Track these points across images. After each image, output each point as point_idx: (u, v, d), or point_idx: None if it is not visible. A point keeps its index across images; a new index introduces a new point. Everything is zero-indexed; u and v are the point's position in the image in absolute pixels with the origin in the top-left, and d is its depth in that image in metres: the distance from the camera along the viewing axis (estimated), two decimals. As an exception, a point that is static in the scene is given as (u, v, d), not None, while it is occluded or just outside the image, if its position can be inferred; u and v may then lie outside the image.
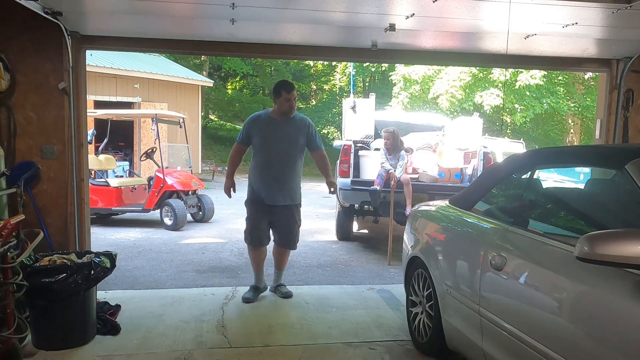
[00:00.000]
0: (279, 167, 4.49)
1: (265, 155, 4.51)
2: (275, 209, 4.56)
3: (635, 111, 5.04)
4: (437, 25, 4.11)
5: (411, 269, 3.86)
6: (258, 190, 4.56)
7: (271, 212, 4.57)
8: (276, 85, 4.64)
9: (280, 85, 4.54)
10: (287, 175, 4.53)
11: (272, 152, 4.49)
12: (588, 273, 2.09)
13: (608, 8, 3.52)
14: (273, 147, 4.48)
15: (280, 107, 4.50)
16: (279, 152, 4.49)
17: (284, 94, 4.46)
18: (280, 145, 4.49)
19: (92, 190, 7.37)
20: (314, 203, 11.84)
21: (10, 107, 4.14)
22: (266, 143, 4.49)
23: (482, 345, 2.77)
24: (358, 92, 25.03)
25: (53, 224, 4.27)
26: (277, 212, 4.57)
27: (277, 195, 4.52)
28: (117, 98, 14.04)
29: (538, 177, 3.17)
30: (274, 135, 4.48)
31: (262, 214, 4.59)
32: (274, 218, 4.60)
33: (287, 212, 4.60)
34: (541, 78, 16.32)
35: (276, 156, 4.48)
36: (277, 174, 4.49)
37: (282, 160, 4.49)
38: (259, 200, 4.56)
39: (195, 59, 22.99)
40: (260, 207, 4.57)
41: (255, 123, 4.59)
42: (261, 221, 4.61)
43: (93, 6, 3.95)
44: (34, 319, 3.51)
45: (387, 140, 6.84)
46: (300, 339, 3.83)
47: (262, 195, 4.54)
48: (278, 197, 4.52)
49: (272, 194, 4.52)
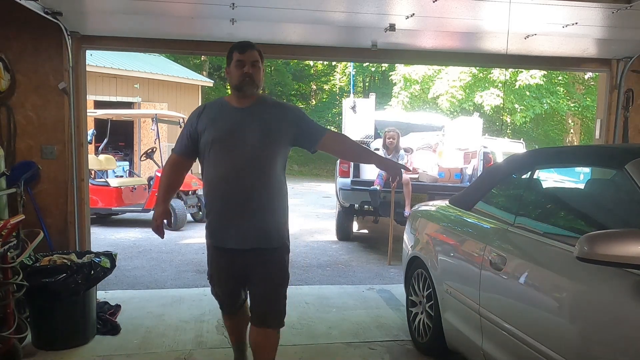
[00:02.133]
0: (243, 183, 2.61)
1: (221, 166, 2.64)
2: (241, 257, 2.68)
3: (635, 111, 5.04)
4: (437, 25, 4.11)
5: (411, 269, 3.86)
6: (212, 226, 2.75)
7: (236, 262, 2.71)
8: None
9: (232, 47, 2.73)
10: (258, 195, 2.63)
11: (231, 159, 2.62)
12: (588, 273, 2.09)
13: (608, 8, 3.52)
14: (232, 149, 2.63)
15: (231, 80, 2.71)
16: (243, 157, 2.61)
17: (236, 55, 2.66)
18: (245, 147, 2.62)
19: (92, 190, 7.36)
20: (314, 203, 11.84)
21: (10, 107, 4.14)
22: (221, 144, 2.65)
23: (482, 345, 2.77)
24: (358, 92, 25.03)
25: (53, 224, 4.27)
26: (248, 263, 2.69)
27: (241, 231, 2.65)
28: (117, 98, 14.03)
29: (538, 177, 3.17)
30: (234, 131, 2.64)
31: (224, 268, 2.78)
32: (243, 272, 2.75)
33: (263, 263, 2.69)
34: (541, 78, 16.33)
35: (239, 164, 2.61)
36: (242, 193, 2.62)
37: (248, 171, 2.62)
38: (216, 243, 2.75)
39: (195, 59, 22.98)
40: (220, 255, 2.76)
41: (203, 116, 2.73)
42: (226, 280, 2.83)
43: (93, 6, 3.95)
44: (34, 319, 3.51)
45: (391, 139, 6.85)
46: (300, 339, 3.82)
47: (219, 235, 2.71)
48: (244, 235, 2.65)
49: (234, 230, 2.65)
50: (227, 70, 2.75)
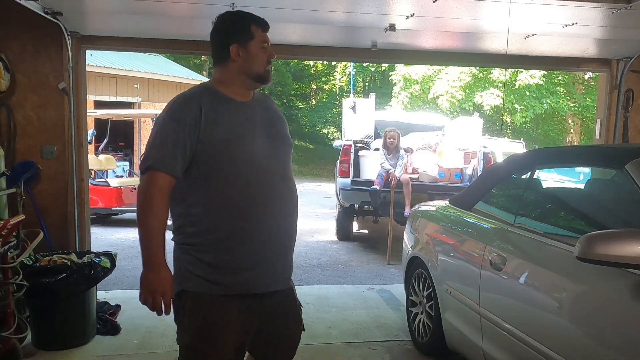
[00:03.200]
0: (275, 204, 1.95)
1: (244, 182, 1.89)
2: (259, 304, 1.96)
3: (635, 111, 5.04)
4: (437, 25, 4.11)
5: (411, 269, 3.86)
6: (229, 264, 1.90)
7: (252, 316, 1.96)
8: (232, 17, 2.01)
9: (247, 18, 1.98)
10: (290, 217, 2.01)
11: (257, 173, 1.91)
12: (588, 273, 2.09)
13: (608, 8, 3.52)
14: (256, 160, 1.92)
15: (250, 65, 1.95)
16: (269, 170, 1.95)
17: (259, 33, 1.96)
18: (268, 154, 1.96)
19: (92, 190, 7.35)
20: (314, 203, 11.83)
21: (10, 107, 4.13)
22: (237, 152, 1.89)
23: (482, 345, 2.77)
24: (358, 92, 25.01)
25: (53, 224, 4.26)
26: (267, 307, 1.99)
27: (274, 269, 1.97)
28: (117, 98, 14.02)
29: (538, 177, 3.17)
30: (252, 133, 1.95)
31: (235, 331, 1.92)
32: (257, 324, 1.98)
33: (285, 301, 2.06)
34: (541, 78, 16.34)
35: (266, 179, 1.93)
36: (274, 218, 1.94)
37: (278, 186, 1.97)
38: (232, 290, 1.90)
39: (195, 59, 22.98)
40: (229, 308, 1.91)
41: (202, 116, 1.86)
42: (232, 353, 1.93)
43: (93, 6, 3.94)
44: (34, 319, 3.51)
45: (392, 139, 6.85)
46: (300, 339, 3.82)
47: (242, 276, 1.91)
48: (276, 272, 1.99)
49: (266, 268, 1.94)
50: (241, 49, 1.93)
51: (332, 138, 22.40)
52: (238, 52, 1.93)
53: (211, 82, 2.00)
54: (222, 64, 1.97)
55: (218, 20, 1.99)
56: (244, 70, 1.95)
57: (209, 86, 1.98)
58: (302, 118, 26.58)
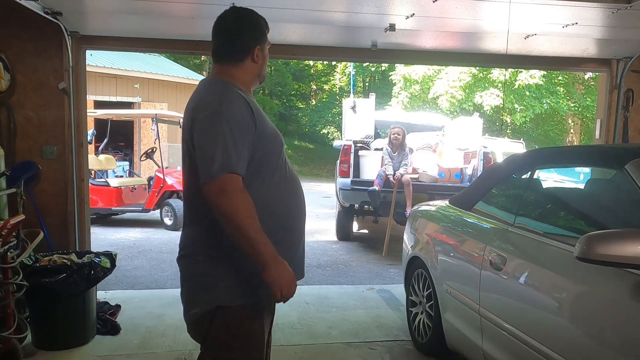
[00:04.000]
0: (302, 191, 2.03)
1: (290, 172, 1.96)
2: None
3: (635, 111, 5.04)
4: (437, 25, 4.11)
5: (411, 269, 3.86)
6: (294, 254, 1.91)
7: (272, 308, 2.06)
8: (250, 16, 1.94)
9: (262, 18, 1.97)
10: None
11: (289, 164, 1.98)
12: (588, 273, 2.09)
13: (608, 8, 3.52)
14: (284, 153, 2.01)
15: (259, 67, 1.97)
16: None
17: (267, 38, 1.99)
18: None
19: (92, 190, 7.35)
20: (314, 203, 11.83)
21: (10, 107, 4.13)
22: (282, 147, 1.96)
23: (482, 345, 2.77)
24: (358, 92, 25.03)
25: (53, 224, 4.26)
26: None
27: (300, 268, 1.99)
28: (117, 98, 14.02)
29: (538, 177, 3.17)
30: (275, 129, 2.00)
31: (264, 339, 1.96)
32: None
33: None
34: (541, 78, 16.35)
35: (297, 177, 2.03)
36: (304, 216, 2.03)
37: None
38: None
39: (195, 59, 23.00)
40: (267, 317, 1.99)
41: (256, 110, 1.84)
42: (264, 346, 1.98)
43: (93, 6, 3.94)
44: (34, 319, 3.51)
45: (396, 135, 6.83)
46: (300, 339, 3.82)
47: (297, 263, 1.94)
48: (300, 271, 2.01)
49: (297, 266, 1.92)
50: (260, 51, 1.93)
51: (332, 138, 22.41)
52: (258, 54, 1.92)
53: (228, 79, 1.88)
54: (237, 63, 1.90)
55: (232, 17, 1.91)
56: (259, 71, 1.96)
57: (232, 82, 1.86)
58: (302, 118, 26.61)
